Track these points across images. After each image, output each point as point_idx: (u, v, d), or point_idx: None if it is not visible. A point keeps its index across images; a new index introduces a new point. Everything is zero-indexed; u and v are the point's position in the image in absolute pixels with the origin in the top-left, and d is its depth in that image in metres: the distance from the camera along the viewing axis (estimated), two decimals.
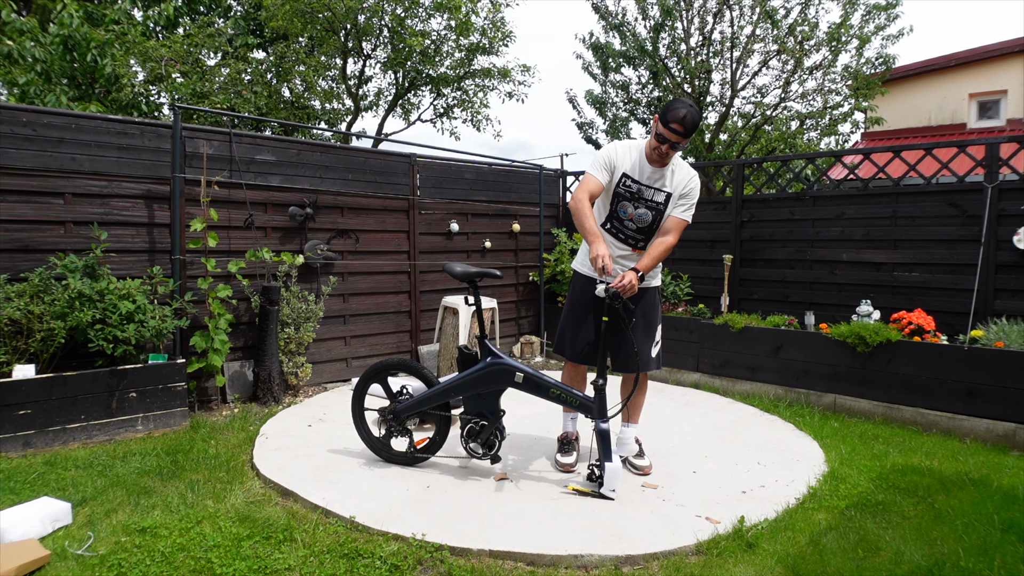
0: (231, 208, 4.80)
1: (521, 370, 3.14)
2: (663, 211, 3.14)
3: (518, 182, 6.90)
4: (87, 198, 4.19)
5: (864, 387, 4.61)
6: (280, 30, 9.31)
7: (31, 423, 3.56)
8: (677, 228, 3.15)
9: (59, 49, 7.72)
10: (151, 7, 9.41)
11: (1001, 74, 11.90)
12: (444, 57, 10.20)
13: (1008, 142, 4.57)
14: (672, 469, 3.46)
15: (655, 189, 3.12)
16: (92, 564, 2.38)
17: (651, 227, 3.17)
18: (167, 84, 8.08)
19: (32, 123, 3.98)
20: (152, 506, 2.90)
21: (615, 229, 3.22)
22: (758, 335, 5.18)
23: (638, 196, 3.12)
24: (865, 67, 9.45)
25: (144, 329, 3.90)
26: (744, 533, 2.67)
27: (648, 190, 3.12)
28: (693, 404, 4.92)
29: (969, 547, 2.59)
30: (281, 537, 2.61)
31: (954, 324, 4.62)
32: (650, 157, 3.09)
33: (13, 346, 3.64)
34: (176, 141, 4.36)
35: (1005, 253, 4.45)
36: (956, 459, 3.71)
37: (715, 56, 9.72)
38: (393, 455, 3.49)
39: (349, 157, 5.53)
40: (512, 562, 2.48)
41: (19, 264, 3.93)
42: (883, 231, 5.05)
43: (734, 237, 5.88)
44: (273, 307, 4.70)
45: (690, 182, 3.15)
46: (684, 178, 3.16)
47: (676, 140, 2.96)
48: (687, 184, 3.15)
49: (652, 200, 3.13)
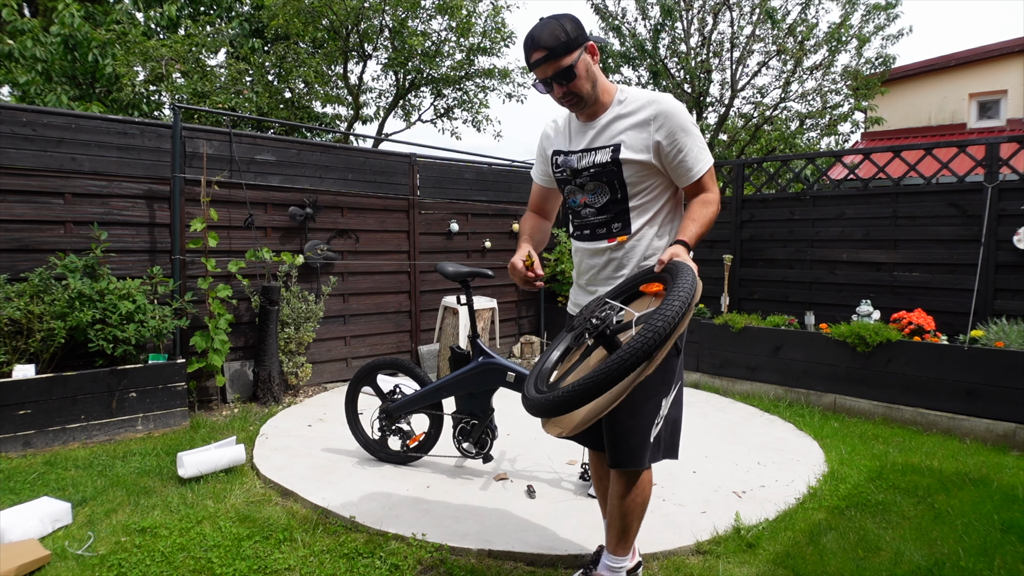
0: (231, 208, 4.80)
1: (513, 369, 3.14)
2: (619, 171, 2.00)
3: (518, 182, 6.90)
4: (87, 198, 4.19)
5: (864, 387, 4.60)
6: (281, 30, 9.31)
7: (31, 423, 3.56)
8: (702, 182, 2.02)
9: (60, 49, 7.72)
10: (152, 7, 9.41)
11: (1001, 74, 11.90)
12: (445, 57, 10.21)
13: (1008, 142, 4.57)
14: (672, 469, 3.46)
15: (592, 150, 2.04)
16: (92, 564, 2.38)
17: (618, 199, 2.05)
18: (167, 84, 8.08)
19: (32, 123, 3.98)
20: (152, 506, 2.90)
21: (581, 230, 2.14)
22: (758, 335, 5.18)
23: (576, 171, 2.07)
24: (865, 67, 9.46)
25: (144, 329, 3.90)
26: (744, 533, 2.67)
27: (583, 156, 2.06)
28: (693, 404, 4.92)
29: (969, 547, 2.59)
30: (281, 537, 2.61)
31: (954, 324, 4.62)
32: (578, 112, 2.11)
33: (13, 346, 3.64)
34: (176, 141, 4.36)
35: (1005, 253, 4.45)
36: (956, 459, 3.71)
37: (715, 56, 9.72)
38: (388, 455, 3.50)
39: (349, 157, 5.53)
40: (512, 562, 2.48)
41: (19, 264, 3.93)
42: (883, 231, 5.05)
43: (734, 237, 5.88)
44: (273, 307, 4.70)
45: (647, 108, 1.98)
46: (637, 109, 2.00)
47: (552, 71, 1.91)
48: (645, 113, 1.98)
49: (593, 164, 2.03)
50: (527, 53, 1.93)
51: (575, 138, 2.11)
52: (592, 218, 2.10)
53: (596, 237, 2.10)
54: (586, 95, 1.99)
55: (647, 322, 1.53)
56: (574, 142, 2.11)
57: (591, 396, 1.51)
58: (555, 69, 1.90)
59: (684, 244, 1.86)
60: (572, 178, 2.10)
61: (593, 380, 1.49)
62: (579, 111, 2.06)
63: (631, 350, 1.48)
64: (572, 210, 2.17)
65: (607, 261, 2.08)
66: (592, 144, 2.06)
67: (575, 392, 1.52)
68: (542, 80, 1.95)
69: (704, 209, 1.98)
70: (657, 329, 1.49)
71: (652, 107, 1.98)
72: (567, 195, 2.18)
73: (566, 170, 2.12)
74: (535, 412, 1.67)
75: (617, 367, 1.47)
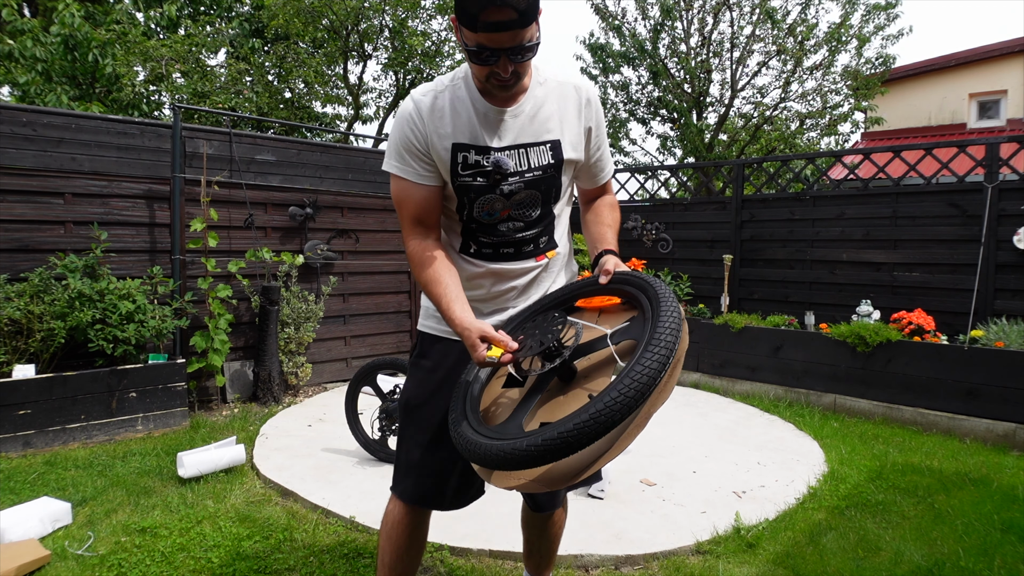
0: (231, 208, 4.80)
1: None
2: (559, 174, 1.62)
3: None
4: (87, 198, 4.19)
5: (864, 387, 4.60)
6: (281, 30, 9.32)
7: (31, 423, 3.56)
8: (608, 184, 1.80)
9: (60, 49, 7.72)
10: (152, 7, 9.41)
11: (1001, 74, 11.89)
12: (445, 57, 10.21)
13: (1008, 142, 4.57)
14: (672, 469, 3.46)
15: (524, 147, 1.57)
16: (92, 564, 2.38)
17: (548, 209, 1.65)
18: (167, 84, 8.08)
19: (32, 123, 3.98)
20: (152, 506, 2.90)
21: (497, 249, 1.64)
22: (758, 335, 5.18)
23: (504, 172, 1.55)
24: (865, 67, 9.46)
25: (144, 329, 3.90)
26: (744, 533, 2.67)
27: (513, 154, 1.56)
28: (693, 404, 4.92)
29: (969, 547, 2.59)
30: (281, 537, 2.61)
31: (954, 324, 4.62)
32: (485, 92, 1.53)
33: (13, 346, 3.64)
34: (176, 141, 4.36)
35: (1005, 253, 4.45)
36: (956, 459, 3.71)
37: (715, 56, 9.73)
38: (388, 454, 3.49)
39: (349, 157, 5.53)
40: (512, 562, 2.48)
41: (19, 264, 3.93)
42: (883, 231, 5.05)
43: (734, 237, 5.88)
44: (273, 307, 4.70)
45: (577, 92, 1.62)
46: (565, 93, 1.61)
47: (515, 41, 1.37)
48: (576, 98, 1.62)
49: (531, 168, 1.58)
50: (481, 9, 1.32)
51: (489, 129, 1.54)
52: (517, 235, 1.63)
53: (522, 256, 1.66)
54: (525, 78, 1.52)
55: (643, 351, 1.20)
56: (491, 135, 1.55)
57: (598, 437, 1.15)
58: (520, 39, 1.37)
59: (615, 255, 1.59)
60: (494, 186, 1.56)
61: (603, 415, 1.13)
62: (509, 97, 1.53)
63: (638, 381, 1.15)
64: (480, 224, 1.61)
65: (530, 282, 1.67)
66: (520, 139, 1.56)
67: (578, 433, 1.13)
68: (489, 49, 1.36)
69: (616, 214, 1.76)
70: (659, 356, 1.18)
71: (582, 91, 1.63)
72: (477, 207, 1.58)
73: (491, 175, 1.55)
74: (510, 464, 1.21)
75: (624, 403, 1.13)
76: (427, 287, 1.56)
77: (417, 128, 1.55)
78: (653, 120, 10.74)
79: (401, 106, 1.59)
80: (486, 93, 1.53)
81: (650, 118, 10.71)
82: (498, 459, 1.22)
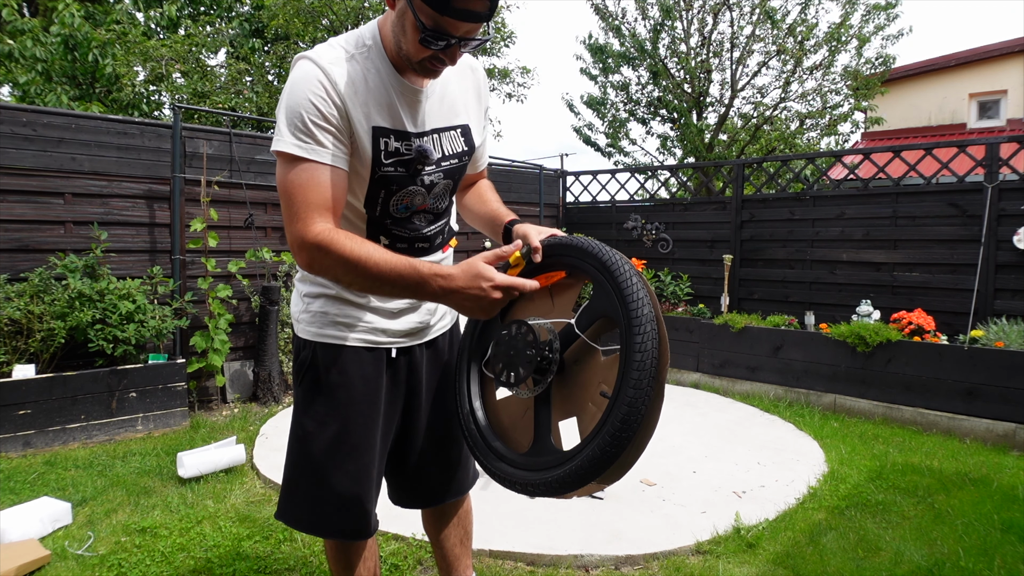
0: (231, 208, 4.80)
1: None
2: (467, 163, 1.55)
3: (518, 182, 6.90)
4: (87, 198, 4.19)
5: (864, 387, 4.60)
6: (281, 30, 9.32)
7: (31, 423, 3.56)
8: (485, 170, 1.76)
9: (60, 49, 7.73)
10: (152, 7, 9.42)
11: (1001, 74, 11.90)
12: None
13: (1008, 142, 4.57)
14: (672, 469, 3.46)
15: (436, 132, 1.44)
16: (92, 564, 2.38)
17: (451, 200, 1.59)
18: (167, 84, 8.08)
19: (32, 123, 3.98)
20: (152, 506, 2.90)
21: (412, 244, 1.52)
22: (758, 335, 5.18)
23: (426, 162, 1.41)
24: (865, 67, 9.46)
25: (144, 329, 3.90)
26: (744, 533, 2.67)
27: (430, 139, 1.43)
28: (693, 404, 4.92)
29: (969, 547, 2.59)
30: (281, 537, 2.61)
31: (954, 324, 4.62)
32: (402, 68, 1.36)
33: (13, 346, 3.64)
34: (176, 141, 4.36)
35: (1005, 253, 4.45)
36: (956, 459, 3.71)
37: (715, 56, 9.73)
38: None
39: None
40: (512, 562, 2.48)
41: (19, 264, 3.93)
42: (883, 231, 5.05)
43: (734, 237, 5.88)
44: (273, 307, 4.70)
45: (473, 72, 1.54)
46: (462, 73, 1.50)
47: (472, 33, 1.27)
48: (474, 78, 1.53)
49: (448, 155, 1.47)
50: None
51: (407, 111, 1.37)
52: (427, 228, 1.51)
53: (433, 249, 1.56)
54: None
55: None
56: (409, 119, 1.38)
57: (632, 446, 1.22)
58: (476, 32, 1.27)
59: (524, 222, 1.49)
60: (415, 176, 1.40)
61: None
62: (429, 77, 1.36)
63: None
64: (393, 219, 1.45)
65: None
66: (433, 123, 1.42)
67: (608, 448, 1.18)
68: (447, 35, 1.23)
69: (497, 195, 1.68)
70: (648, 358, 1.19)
71: (477, 71, 1.53)
72: (395, 200, 1.42)
73: (411, 165, 1.39)
74: (554, 492, 1.27)
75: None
76: (363, 264, 1.25)
77: (332, 98, 1.27)
78: (653, 120, 10.74)
79: (299, 70, 1.29)
80: (403, 69, 1.34)
81: (650, 118, 10.71)
82: (561, 486, 1.25)
